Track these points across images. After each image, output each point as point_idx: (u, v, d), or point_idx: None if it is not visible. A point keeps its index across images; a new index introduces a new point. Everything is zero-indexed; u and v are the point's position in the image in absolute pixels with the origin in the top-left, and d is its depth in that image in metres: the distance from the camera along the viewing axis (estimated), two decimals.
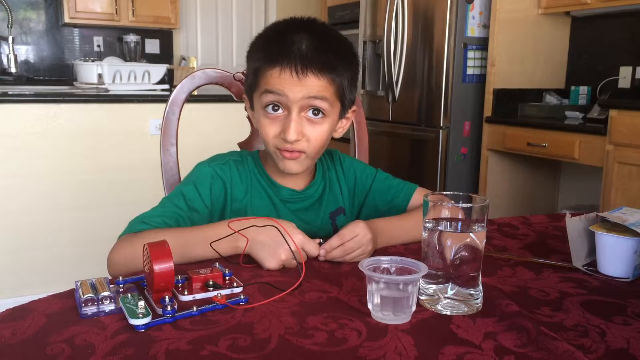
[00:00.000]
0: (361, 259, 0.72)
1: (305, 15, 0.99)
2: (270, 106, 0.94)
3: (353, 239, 0.87)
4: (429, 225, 0.72)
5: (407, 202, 1.09)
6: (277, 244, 0.83)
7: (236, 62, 5.01)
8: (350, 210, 1.12)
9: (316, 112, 0.94)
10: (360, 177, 1.12)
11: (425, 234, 0.72)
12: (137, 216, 0.94)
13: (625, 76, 3.01)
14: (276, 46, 0.92)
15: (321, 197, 1.08)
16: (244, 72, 1.25)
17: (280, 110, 0.94)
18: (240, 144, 1.28)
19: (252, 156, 1.07)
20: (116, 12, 4.12)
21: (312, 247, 0.86)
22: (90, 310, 0.67)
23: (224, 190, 1.01)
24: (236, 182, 1.03)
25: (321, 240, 0.88)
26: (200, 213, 0.98)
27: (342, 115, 1.01)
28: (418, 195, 1.09)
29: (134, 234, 0.89)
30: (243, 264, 0.85)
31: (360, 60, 3.66)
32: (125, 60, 4.19)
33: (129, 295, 0.69)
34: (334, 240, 0.87)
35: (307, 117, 0.94)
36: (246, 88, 1.02)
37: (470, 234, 0.70)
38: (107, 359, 0.57)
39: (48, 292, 0.75)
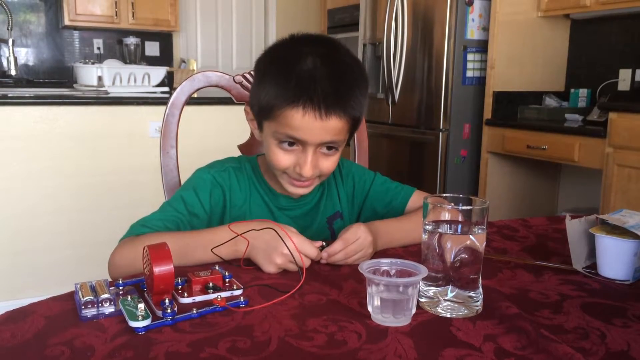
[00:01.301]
0: (361, 262, 0.72)
1: (311, 32, 0.96)
2: (286, 142, 0.92)
3: (355, 242, 0.87)
4: (428, 227, 0.72)
5: (404, 205, 1.09)
6: (272, 248, 0.83)
7: (236, 65, 5.02)
8: (349, 215, 1.12)
9: (330, 146, 0.94)
10: (358, 181, 1.12)
11: (425, 236, 0.72)
12: (138, 220, 0.94)
13: (624, 79, 3.01)
14: (295, 83, 0.88)
15: (319, 203, 1.08)
16: (244, 74, 1.25)
17: (295, 145, 0.92)
18: (240, 147, 1.28)
19: (251, 163, 1.07)
20: (116, 15, 4.13)
21: (310, 250, 0.85)
22: (90, 312, 0.67)
23: (223, 197, 1.02)
24: (235, 190, 1.03)
25: (324, 243, 0.88)
26: (200, 218, 0.98)
27: (351, 135, 0.99)
28: (415, 197, 1.09)
29: (135, 237, 0.89)
30: (244, 266, 0.85)
31: None
32: (125, 62, 4.19)
33: (129, 297, 0.69)
34: (337, 245, 0.87)
35: (321, 152, 0.94)
36: (254, 107, 0.97)
37: (470, 237, 0.70)
38: None
39: (48, 294, 0.75)
